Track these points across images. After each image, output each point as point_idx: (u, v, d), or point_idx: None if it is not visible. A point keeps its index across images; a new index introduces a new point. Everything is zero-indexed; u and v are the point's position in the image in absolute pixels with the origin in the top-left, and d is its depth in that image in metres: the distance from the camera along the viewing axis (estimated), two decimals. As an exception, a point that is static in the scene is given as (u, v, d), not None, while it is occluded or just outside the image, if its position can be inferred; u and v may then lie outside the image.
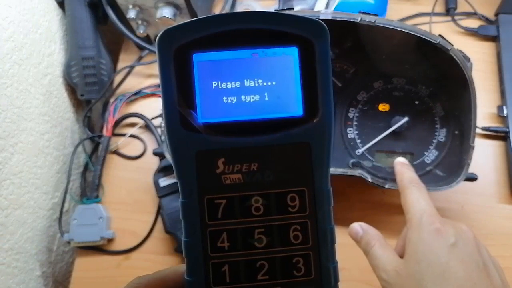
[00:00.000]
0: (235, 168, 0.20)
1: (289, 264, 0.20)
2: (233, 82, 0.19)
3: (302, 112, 0.20)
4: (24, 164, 0.52)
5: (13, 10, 0.51)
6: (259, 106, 0.20)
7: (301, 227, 0.20)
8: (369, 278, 0.52)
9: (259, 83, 0.20)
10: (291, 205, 0.20)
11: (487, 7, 0.65)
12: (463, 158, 0.48)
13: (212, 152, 0.20)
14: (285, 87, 0.20)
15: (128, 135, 0.61)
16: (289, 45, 0.19)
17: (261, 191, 0.20)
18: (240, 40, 0.19)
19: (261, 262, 0.20)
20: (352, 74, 0.57)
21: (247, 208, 0.20)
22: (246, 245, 0.20)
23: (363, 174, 0.48)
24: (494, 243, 0.53)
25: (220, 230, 0.20)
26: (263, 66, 0.19)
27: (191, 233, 0.20)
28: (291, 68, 0.20)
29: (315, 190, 0.20)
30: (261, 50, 0.19)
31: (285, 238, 0.20)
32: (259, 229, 0.20)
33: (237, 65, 0.19)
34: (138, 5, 0.58)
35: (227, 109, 0.19)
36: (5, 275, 0.49)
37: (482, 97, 0.56)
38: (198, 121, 0.19)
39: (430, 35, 0.45)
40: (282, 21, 0.19)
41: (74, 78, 0.62)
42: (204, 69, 0.19)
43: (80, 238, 0.54)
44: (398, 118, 0.54)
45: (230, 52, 0.19)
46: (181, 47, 0.19)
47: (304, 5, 0.64)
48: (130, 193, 0.58)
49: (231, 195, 0.20)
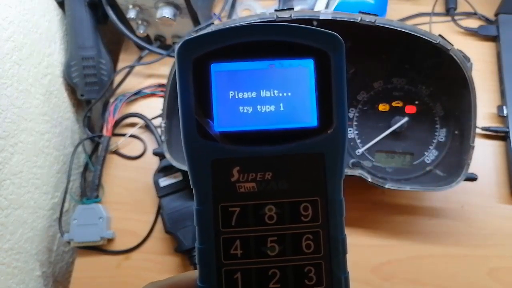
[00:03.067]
0: (249, 176, 0.20)
1: (300, 273, 0.20)
2: (249, 92, 0.20)
3: (316, 123, 0.20)
4: (24, 164, 0.52)
5: (13, 10, 0.51)
6: (274, 116, 0.20)
7: (313, 237, 0.20)
8: (369, 278, 0.52)
9: (275, 93, 0.20)
10: (304, 215, 0.20)
11: (487, 7, 0.65)
12: (463, 158, 0.48)
13: (227, 160, 0.20)
14: (301, 98, 0.20)
15: (128, 135, 0.61)
16: (305, 57, 0.20)
17: (274, 200, 0.20)
18: (257, 52, 0.20)
19: (273, 270, 0.20)
20: (352, 74, 0.57)
21: (261, 216, 0.20)
22: (258, 253, 0.20)
23: (363, 174, 0.48)
24: (494, 243, 0.53)
25: (233, 237, 0.20)
26: (279, 77, 0.20)
27: (205, 240, 0.20)
28: (307, 80, 0.20)
29: (328, 200, 0.20)
30: (278, 62, 0.20)
31: (297, 247, 0.20)
32: (272, 238, 0.20)
33: (254, 76, 0.20)
34: (138, 5, 0.58)
35: (243, 119, 0.20)
36: (5, 275, 0.49)
37: (482, 97, 0.56)
38: (214, 129, 0.20)
39: (430, 35, 0.45)
40: (299, 34, 0.20)
41: (74, 78, 0.62)
42: (222, 79, 0.20)
43: (80, 238, 0.54)
44: (398, 118, 0.54)
45: (247, 63, 0.20)
46: (199, 57, 0.20)
47: (304, 5, 0.64)
48: (130, 193, 0.58)
49: (245, 203, 0.20)
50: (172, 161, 0.50)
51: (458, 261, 0.52)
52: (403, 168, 0.54)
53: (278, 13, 0.45)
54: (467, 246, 0.53)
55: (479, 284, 0.51)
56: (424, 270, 0.52)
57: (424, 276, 0.52)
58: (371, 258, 0.53)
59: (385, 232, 0.54)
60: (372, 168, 0.54)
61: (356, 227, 0.54)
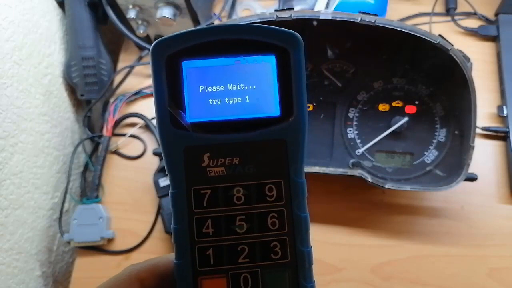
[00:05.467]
0: (219, 162, 0.22)
1: (267, 248, 0.22)
2: (218, 86, 0.22)
3: (279, 112, 0.22)
4: (24, 164, 0.52)
5: (13, 10, 0.51)
6: (241, 107, 0.22)
7: (278, 215, 0.22)
8: (369, 278, 0.52)
9: (241, 87, 0.22)
10: (269, 195, 0.22)
11: (487, 7, 0.65)
12: (463, 158, 0.48)
13: (198, 147, 0.22)
14: (264, 91, 0.22)
15: (128, 135, 0.61)
16: (267, 54, 0.22)
17: (242, 183, 0.22)
18: (224, 49, 0.22)
19: (242, 246, 0.22)
20: (352, 74, 0.57)
21: (230, 197, 0.22)
22: (228, 231, 0.22)
23: (363, 174, 0.48)
24: (494, 243, 0.53)
25: (205, 217, 0.22)
26: (244, 72, 0.22)
27: (180, 220, 0.22)
28: (270, 74, 0.22)
29: (291, 181, 0.22)
30: (243, 58, 0.22)
31: (264, 224, 0.22)
32: (240, 217, 0.22)
33: (222, 71, 0.22)
34: (138, 5, 0.58)
35: (212, 110, 0.22)
36: (5, 275, 0.49)
37: (482, 97, 0.56)
38: (186, 120, 0.22)
39: (430, 35, 0.45)
40: (262, 33, 0.22)
41: (74, 78, 0.62)
42: (192, 74, 0.22)
43: (80, 238, 0.54)
44: (398, 118, 0.54)
45: (215, 60, 0.22)
46: (171, 55, 0.21)
47: (304, 5, 0.64)
48: (130, 193, 0.58)
49: (215, 186, 0.22)
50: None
51: (458, 261, 0.52)
52: (403, 168, 0.54)
53: (278, 13, 0.45)
54: (467, 246, 0.53)
55: (479, 284, 0.51)
56: (424, 270, 0.52)
57: (424, 276, 0.52)
58: (371, 258, 0.53)
59: (385, 232, 0.54)
60: (372, 168, 0.54)
61: (356, 227, 0.54)
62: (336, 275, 0.52)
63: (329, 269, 0.53)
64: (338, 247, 0.53)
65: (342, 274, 0.52)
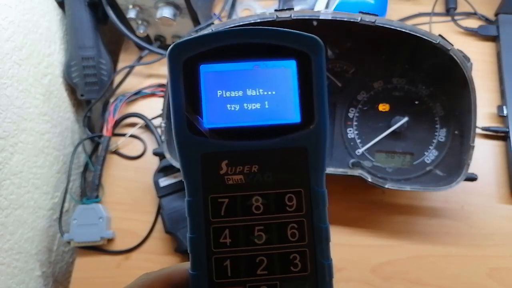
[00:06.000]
0: (237, 169, 0.21)
1: (286, 260, 0.21)
2: (236, 91, 0.21)
3: (299, 119, 0.21)
4: (24, 164, 0.52)
5: (13, 10, 0.51)
6: (260, 113, 0.21)
7: (297, 226, 0.21)
8: (369, 278, 0.52)
9: (260, 92, 0.21)
10: (288, 205, 0.21)
11: (487, 7, 0.65)
12: (463, 158, 0.48)
13: (216, 154, 0.21)
14: (284, 96, 0.21)
15: (128, 135, 0.61)
16: (287, 58, 0.21)
17: (261, 191, 0.21)
18: (244, 53, 0.21)
19: (260, 257, 0.21)
20: (352, 74, 0.57)
21: (248, 207, 0.21)
22: (246, 241, 0.21)
23: (363, 174, 0.48)
24: (494, 243, 0.53)
25: (222, 227, 0.21)
26: (264, 77, 0.21)
27: (196, 229, 0.21)
28: (290, 79, 0.21)
29: (311, 191, 0.22)
30: (262, 63, 0.21)
31: (283, 235, 0.21)
32: (258, 227, 0.21)
33: (240, 76, 0.21)
34: (138, 5, 0.58)
35: (230, 116, 0.21)
36: (5, 275, 0.49)
37: (482, 97, 0.56)
38: (204, 126, 0.21)
39: (430, 35, 0.45)
40: (282, 37, 0.21)
41: (74, 78, 0.62)
42: (210, 79, 0.21)
43: (80, 238, 0.54)
44: (398, 118, 0.54)
45: (234, 64, 0.21)
46: (189, 59, 0.21)
47: (304, 5, 0.64)
48: (130, 193, 0.58)
49: (233, 194, 0.21)
50: (172, 161, 0.49)
51: (458, 261, 0.52)
52: (403, 168, 0.54)
53: (278, 13, 0.45)
54: (467, 246, 0.53)
55: (479, 284, 0.51)
56: (424, 270, 0.52)
57: (424, 276, 0.52)
58: (371, 258, 0.53)
59: (385, 232, 0.54)
60: (372, 168, 0.54)
61: (356, 227, 0.54)
62: (336, 275, 0.52)
63: (329, 269, 0.52)
64: (338, 247, 0.53)
65: (342, 274, 0.52)
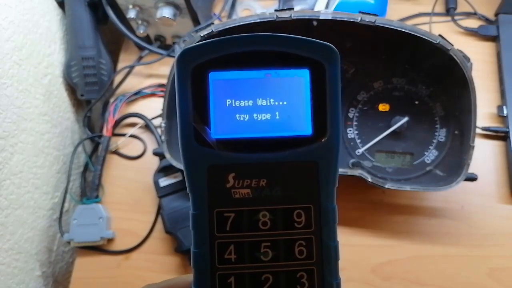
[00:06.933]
0: (244, 183, 0.20)
1: (293, 278, 0.21)
2: (246, 101, 0.20)
3: (311, 131, 0.20)
4: (24, 164, 0.52)
5: (13, 10, 0.51)
6: (270, 124, 0.20)
7: (306, 243, 0.21)
8: (369, 278, 0.52)
9: (271, 102, 0.20)
10: (297, 221, 0.21)
11: (487, 7, 0.65)
12: (463, 158, 0.48)
13: (223, 167, 0.20)
14: (296, 107, 0.20)
15: (128, 135, 0.61)
16: (301, 67, 0.20)
17: (268, 206, 0.20)
18: (255, 61, 0.20)
19: (266, 275, 0.20)
20: (352, 74, 0.56)
21: (255, 222, 0.20)
22: (252, 258, 0.20)
23: (363, 174, 0.48)
24: (494, 243, 0.53)
25: (228, 242, 0.20)
26: (275, 86, 0.20)
27: (200, 244, 0.20)
28: (302, 90, 0.20)
29: (321, 207, 0.21)
30: (274, 71, 0.20)
31: (290, 253, 0.21)
32: (265, 243, 0.20)
33: (251, 85, 0.20)
34: (138, 5, 0.58)
35: (239, 126, 0.20)
36: (5, 275, 0.49)
37: (482, 97, 0.56)
38: (211, 136, 0.20)
39: (430, 35, 0.45)
40: (295, 44, 0.20)
41: (74, 78, 0.62)
42: (219, 87, 0.20)
43: (80, 238, 0.54)
44: (398, 118, 0.54)
45: (244, 72, 0.20)
46: (198, 65, 0.20)
47: (304, 5, 0.64)
48: (130, 193, 0.58)
49: (240, 209, 0.20)
50: (172, 161, 0.49)
51: (458, 261, 0.52)
52: (403, 168, 0.54)
53: (278, 13, 0.45)
54: (467, 246, 0.53)
55: (479, 284, 0.51)
56: (424, 270, 0.52)
57: (424, 276, 0.52)
58: (371, 258, 0.53)
59: (385, 232, 0.54)
60: (372, 168, 0.54)
61: (356, 227, 0.54)
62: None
63: (329, 269, 0.52)
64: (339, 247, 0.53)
65: (342, 274, 0.52)
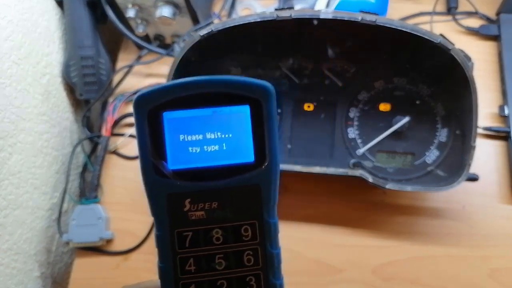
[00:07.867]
0: (199, 206, 0.24)
1: (243, 282, 0.24)
2: (197, 135, 0.23)
3: (253, 159, 0.24)
4: (23, 164, 0.52)
5: (12, 9, 0.51)
6: (218, 154, 0.24)
7: (253, 252, 0.24)
8: (369, 279, 0.52)
9: (218, 135, 0.23)
10: (244, 235, 0.24)
11: (489, 6, 0.64)
12: (464, 158, 0.48)
13: (180, 194, 0.24)
14: (240, 139, 0.24)
15: (127, 135, 0.61)
16: (242, 104, 0.23)
17: (220, 225, 0.24)
18: (202, 101, 0.23)
19: (221, 281, 0.24)
20: (352, 74, 0.56)
21: (209, 238, 0.24)
22: (209, 268, 0.24)
23: (364, 174, 0.48)
24: (495, 244, 0.52)
25: (187, 256, 0.24)
26: (221, 121, 0.23)
27: (165, 259, 0.24)
28: (244, 123, 0.23)
29: (264, 222, 0.24)
30: (219, 109, 0.23)
31: (240, 261, 0.24)
32: (219, 255, 0.24)
33: (200, 121, 0.23)
34: (137, 4, 0.58)
35: (192, 158, 0.23)
36: (3, 276, 0.49)
37: (484, 97, 0.55)
38: (168, 168, 0.23)
39: (431, 34, 0.45)
40: (236, 85, 0.23)
41: (73, 77, 0.61)
42: (173, 125, 0.23)
43: (79, 239, 0.54)
44: (399, 118, 0.54)
45: (194, 111, 0.23)
46: (153, 108, 0.23)
47: (305, 4, 0.63)
48: (129, 193, 0.58)
49: (196, 228, 0.24)
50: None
51: (459, 262, 0.52)
52: (404, 169, 0.54)
53: (278, 12, 0.45)
54: (468, 246, 0.52)
55: (480, 285, 0.51)
56: (425, 270, 0.52)
57: (425, 276, 0.51)
58: (372, 259, 0.52)
59: (386, 233, 0.54)
60: (373, 169, 0.54)
61: (357, 227, 0.54)
62: (336, 276, 0.52)
63: (329, 270, 0.52)
64: (339, 248, 0.53)
65: (342, 275, 0.52)
